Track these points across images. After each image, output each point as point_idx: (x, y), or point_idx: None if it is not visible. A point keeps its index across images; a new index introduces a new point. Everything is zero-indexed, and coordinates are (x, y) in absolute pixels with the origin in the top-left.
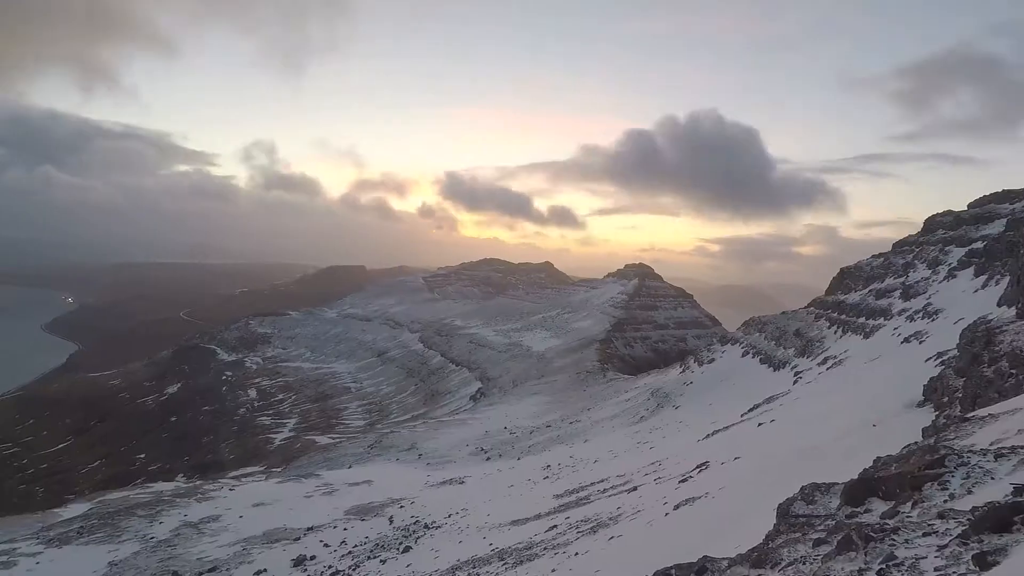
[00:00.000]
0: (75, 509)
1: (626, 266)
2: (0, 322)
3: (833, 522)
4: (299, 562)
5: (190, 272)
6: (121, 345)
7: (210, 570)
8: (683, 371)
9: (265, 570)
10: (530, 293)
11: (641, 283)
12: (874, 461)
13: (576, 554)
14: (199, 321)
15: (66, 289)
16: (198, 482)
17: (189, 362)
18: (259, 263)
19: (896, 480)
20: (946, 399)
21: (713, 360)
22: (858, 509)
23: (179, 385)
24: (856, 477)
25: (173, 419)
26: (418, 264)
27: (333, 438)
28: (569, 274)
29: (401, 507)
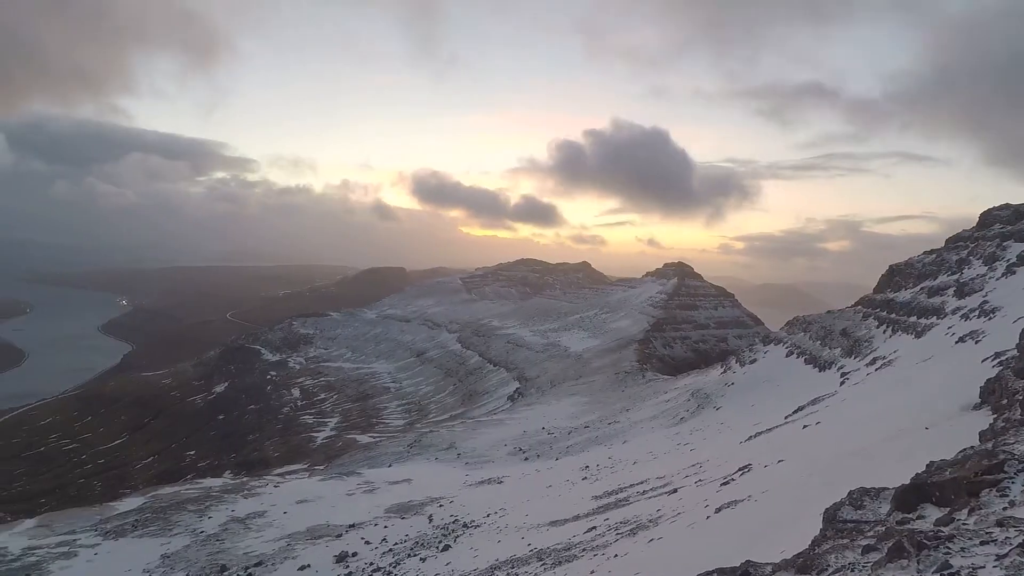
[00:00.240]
0: (130, 503)
1: (665, 265)
2: (62, 323)
3: (883, 528)
4: (341, 558)
5: (233, 275)
6: (171, 346)
7: (256, 564)
8: (724, 372)
9: (309, 565)
10: (567, 293)
11: (680, 282)
12: (927, 465)
13: (615, 556)
14: (244, 322)
15: (120, 292)
16: (244, 479)
17: (235, 362)
18: (299, 265)
19: (951, 485)
20: (1005, 401)
21: (755, 360)
22: (910, 515)
23: (226, 384)
24: (908, 482)
25: (221, 417)
26: (452, 265)
27: (373, 437)
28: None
29: (440, 506)
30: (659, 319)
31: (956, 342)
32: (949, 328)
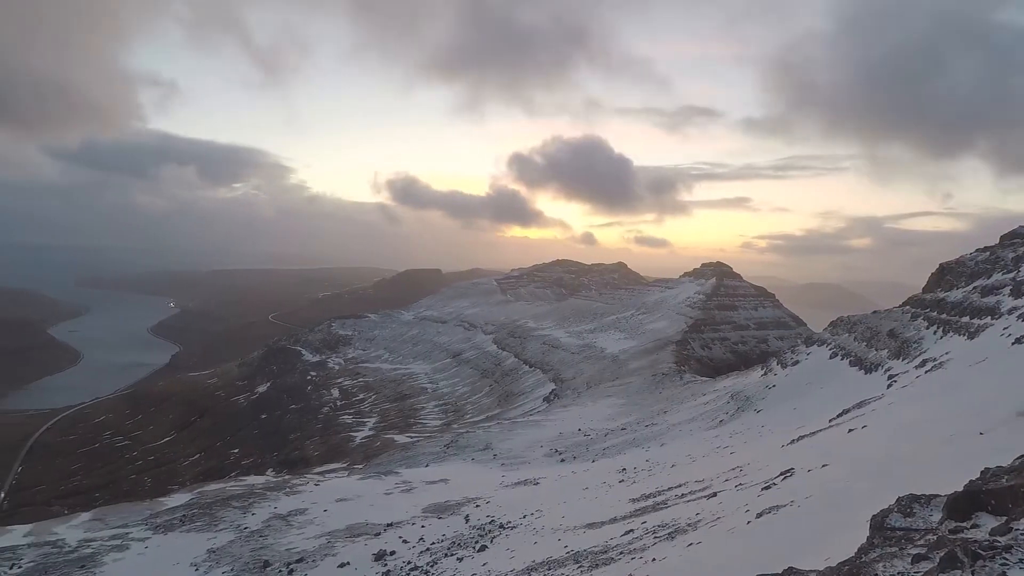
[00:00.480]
0: (178, 499)
1: (702, 265)
2: (114, 325)
3: (935, 537)
4: (379, 557)
5: (274, 277)
6: (216, 347)
7: (298, 560)
8: (765, 374)
9: (348, 563)
10: (603, 294)
11: (719, 282)
12: (982, 472)
13: (653, 560)
14: (285, 324)
15: (168, 294)
16: (286, 477)
17: (277, 363)
18: (337, 268)
19: (1008, 494)
20: None
21: (797, 362)
22: (963, 524)
23: (268, 384)
24: (961, 489)
25: (263, 416)
26: (487, 266)
27: (411, 437)
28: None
29: (477, 506)
30: (697, 320)
31: (1012, 343)
32: (1005, 329)
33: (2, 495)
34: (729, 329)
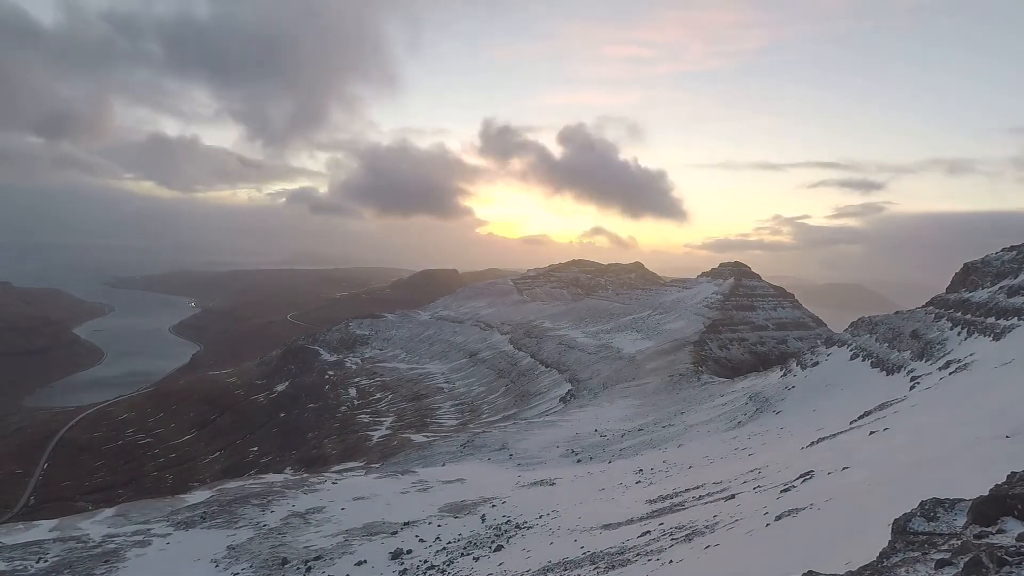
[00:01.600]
0: (198, 496)
1: (720, 264)
2: (137, 324)
3: (959, 542)
4: (396, 555)
5: (293, 278)
6: (236, 346)
7: (315, 558)
8: (784, 375)
9: (365, 561)
10: (620, 294)
11: (737, 282)
12: (1008, 477)
13: (671, 561)
14: (304, 323)
15: (189, 294)
16: (304, 475)
17: (296, 362)
18: (355, 268)
19: None
20: None
21: (818, 363)
22: (989, 529)
23: (287, 383)
24: (987, 493)
25: (282, 415)
26: (503, 268)
27: (427, 436)
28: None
29: (493, 506)
30: (715, 320)
31: None
32: None
33: (29, 491)
34: (748, 329)
